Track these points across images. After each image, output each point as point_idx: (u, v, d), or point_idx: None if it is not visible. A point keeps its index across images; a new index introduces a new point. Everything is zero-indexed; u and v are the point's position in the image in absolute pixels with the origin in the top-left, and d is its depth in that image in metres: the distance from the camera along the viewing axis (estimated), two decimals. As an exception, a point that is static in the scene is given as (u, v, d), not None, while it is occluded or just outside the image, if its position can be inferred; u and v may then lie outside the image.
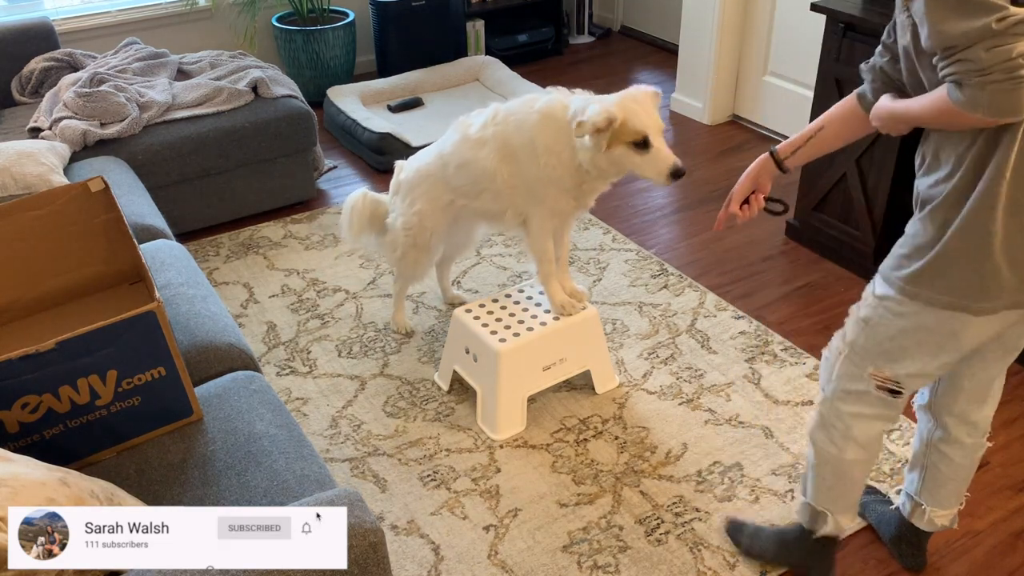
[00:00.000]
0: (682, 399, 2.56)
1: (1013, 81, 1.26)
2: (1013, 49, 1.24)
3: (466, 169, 2.43)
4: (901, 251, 1.60)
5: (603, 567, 2.05)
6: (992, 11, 1.24)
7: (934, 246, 1.50)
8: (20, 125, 3.23)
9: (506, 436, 2.43)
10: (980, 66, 1.27)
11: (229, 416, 1.79)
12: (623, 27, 5.62)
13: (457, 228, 2.68)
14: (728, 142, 4.16)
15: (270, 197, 3.54)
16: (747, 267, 3.22)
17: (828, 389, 1.79)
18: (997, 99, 1.29)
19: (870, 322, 1.67)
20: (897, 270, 1.59)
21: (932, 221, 1.51)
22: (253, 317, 2.97)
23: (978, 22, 1.24)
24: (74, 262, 2.06)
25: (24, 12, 4.03)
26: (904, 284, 1.57)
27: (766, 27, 4.02)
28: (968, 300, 1.50)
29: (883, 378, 1.68)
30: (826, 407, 1.80)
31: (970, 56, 1.27)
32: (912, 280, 1.55)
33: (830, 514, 1.89)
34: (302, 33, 4.37)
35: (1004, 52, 1.25)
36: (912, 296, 1.56)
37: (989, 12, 1.24)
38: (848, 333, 1.73)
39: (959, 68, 1.29)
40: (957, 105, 1.33)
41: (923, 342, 1.60)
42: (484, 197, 2.44)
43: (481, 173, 2.40)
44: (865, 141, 2.94)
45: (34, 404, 1.56)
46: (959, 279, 1.49)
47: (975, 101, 1.30)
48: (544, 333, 2.41)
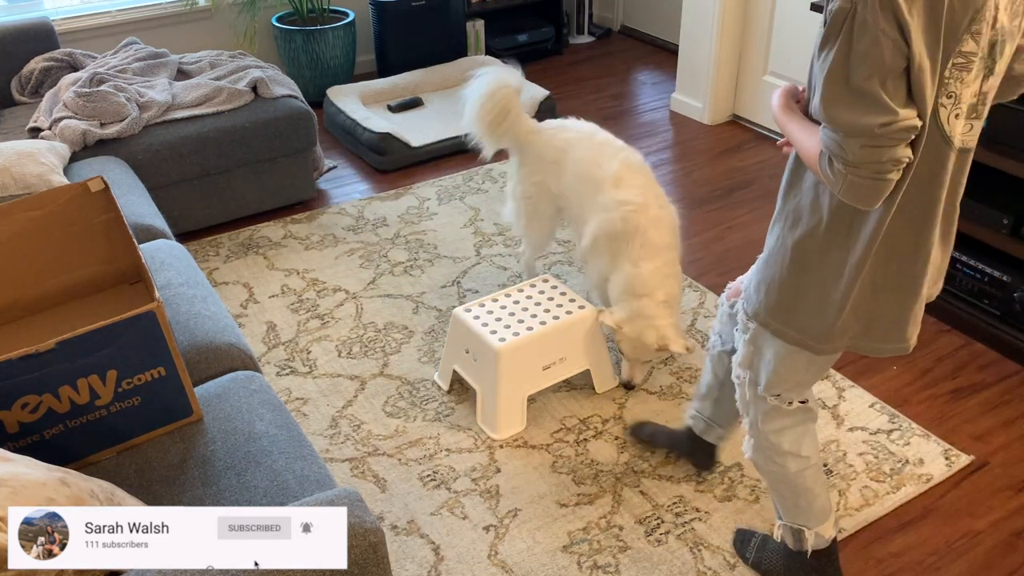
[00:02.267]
0: (682, 399, 2.56)
1: (875, 181, 1.31)
2: (885, 153, 1.29)
3: (576, 196, 2.61)
4: (759, 275, 1.64)
5: (603, 567, 2.05)
6: (881, 113, 1.26)
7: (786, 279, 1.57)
8: (20, 125, 3.23)
9: (506, 436, 2.43)
10: (851, 158, 1.30)
11: (229, 416, 1.79)
12: (623, 27, 5.62)
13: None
14: (728, 142, 4.16)
15: (270, 197, 3.54)
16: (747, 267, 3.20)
17: (749, 415, 1.82)
18: (856, 190, 1.34)
19: (751, 348, 1.72)
20: (756, 295, 1.65)
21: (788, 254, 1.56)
22: (253, 317, 2.97)
23: (865, 119, 1.27)
24: (74, 262, 2.06)
25: (24, 12, 4.03)
26: (761, 314, 1.64)
27: (766, 27, 4.02)
28: (813, 341, 1.58)
29: (778, 399, 1.74)
30: (754, 431, 1.83)
31: (846, 146, 1.30)
32: (766, 311, 1.63)
33: (806, 529, 1.88)
34: (302, 33, 4.37)
35: (877, 154, 1.29)
36: (765, 326, 1.64)
37: (879, 114, 1.26)
38: (740, 358, 1.77)
39: (833, 148, 1.33)
40: (820, 172, 1.38)
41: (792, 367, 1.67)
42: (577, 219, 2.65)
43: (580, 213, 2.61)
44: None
45: (34, 404, 1.56)
46: (806, 321, 1.57)
47: (835, 182, 1.35)
48: (544, 332, 2.41)
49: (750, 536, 2.07)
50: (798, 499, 1.85)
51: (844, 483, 2.26)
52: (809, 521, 1.87)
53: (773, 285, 1.59)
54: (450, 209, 3.60)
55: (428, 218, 3.54)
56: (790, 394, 1.73)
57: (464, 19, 4.85)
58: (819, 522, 1.87)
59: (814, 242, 1.50)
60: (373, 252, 3.31)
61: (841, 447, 2.37)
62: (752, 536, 2.07)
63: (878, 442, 2.39)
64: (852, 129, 1.29)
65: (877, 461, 2.33)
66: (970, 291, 2.77)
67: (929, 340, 2.78)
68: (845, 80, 1.28)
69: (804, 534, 1.88)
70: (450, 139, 4.04)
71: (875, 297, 1.52)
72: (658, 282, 2.39)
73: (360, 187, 3.82)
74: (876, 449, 2.37)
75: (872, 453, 2.35)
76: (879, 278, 1.49)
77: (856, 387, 2.58)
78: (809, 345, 1.58)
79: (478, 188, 3.75)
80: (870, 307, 1.53)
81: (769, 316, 1.62)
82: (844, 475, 2.29)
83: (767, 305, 1.61)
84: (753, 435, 1.83)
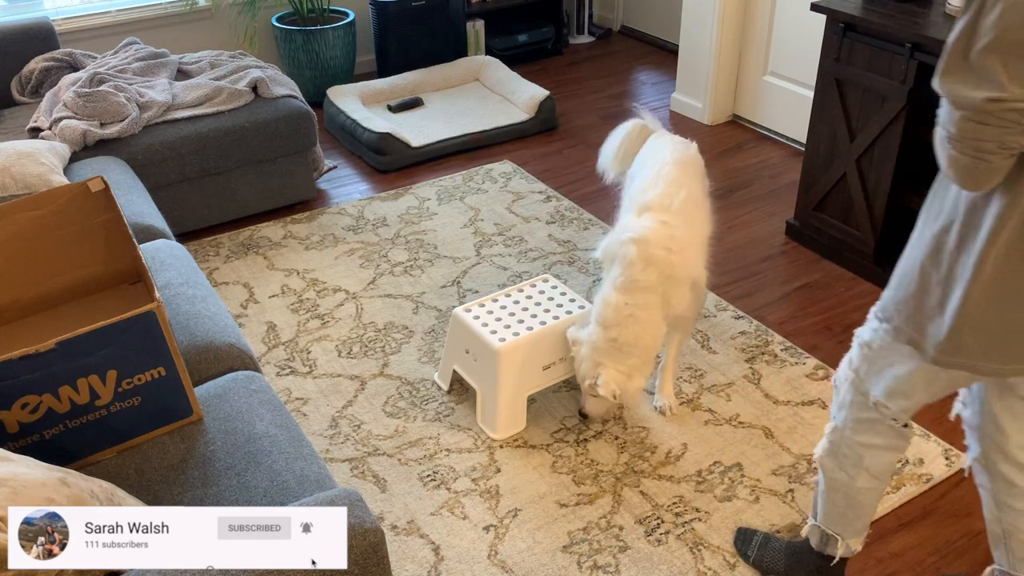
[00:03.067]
0: (682, 399, 2.56)
1: (974, 160, 1.25)
2: (990, 131, 1.22)
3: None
4: (896, 269, 1.54)
5: (603, 567, 2.05)
6: (992, 88, 1.20)
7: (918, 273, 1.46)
8: (20, 125, 3.23)
9: (506, 436, 2.43)
10: (954, 131, 1.26)
11: (229, 416, 1.79)
12: (623, 27, 5.62)
13: None
14: (728, 142, 4.16)
15: (270, 197, 3.54)
16: (747, 267, 3.22)
17: (839, 417, 1.72)
18: (955, 166, 1.29)
19: (871, 347, 1.61)
20: (888, 289, 1.55)
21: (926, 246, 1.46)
22: (253, 317, 2.97)
23: (973, 92, 1.22)
24: (74, 262, 2.06)
25: (24, 12, 4.03)
26: (888, 309, 1.53)
27: (766, 27, 4.02)
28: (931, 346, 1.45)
29: (887, 410, 1.62)
30: (836, 435, 1.74)
31: (953, 117, 1.26)
32: (893, 307, 1.52)
33: (840, 538, 1.84)
34: (302, 33, 4.37)
35: (981, 131, 1.23)
36: (885, 320, 1.54)
37: (989, 88, 1.20)
38: (854, 359, 1.67)
39: (944, 119, 1.29)
40: (936, 144, 1.34)
41: (913, 375, 1.55)
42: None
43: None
44: (865, 141, 2.94)
45: (34, 404, 1.56)
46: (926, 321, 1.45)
47: (941, 156, 1.31)
48: (544, 332, 2.41)
49: (752, 535, 2.07)
50: (848, 511, 1.80)
51: (844, 483, 2.26)
52: (846, 532, 1.83)
53: (905, 278, 1.49)
54: (450, 209, 3.60)
55: (428, 218, 3.54)
56: (902, 412, 1.62)
57: (464, 19, 4.85)
58: (855, 536, 1.84)
59: (948, 237, 1.40)
60: (373, 252, 3.31)
61: (841, 447, 2.37)
62: (754, 535, 2.07)
63: (878, 442, 2.39)
64: (959, 100, 1.24)
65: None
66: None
67: (929, 340, 2.78)
68: (965, 51, 1.22)
69: (837, 542, 1.85)
70: (450, 139, 4.04)
71: (1001, 308, 1.37)
72: (618, 319, 2.25)
73: (360, 187, 3.82)
74: (876, 449, 2.36)
75: (872, 453, 2.35)
76: (1008, 286, 1.35)
77: (856, 387, 2.58)
78: (924, 348, 1.46)
79: (478, 188, 3.75)
80: (996, 319, 1.38)
81: (894, 311, 1.52)
82: (844, 475, 2.29)
83: (895, 298, 1.51)
84: (833, 439, 1.74)
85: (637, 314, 2.25)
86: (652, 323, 2.28)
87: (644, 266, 2.26)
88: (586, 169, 3.92)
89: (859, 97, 2.93)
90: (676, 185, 2.42)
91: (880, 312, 1.57)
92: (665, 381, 2.53)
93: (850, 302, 3.00)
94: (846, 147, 3.02)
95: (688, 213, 2.40)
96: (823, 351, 2.75)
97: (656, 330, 2.30)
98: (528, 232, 3.42)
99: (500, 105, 4.37)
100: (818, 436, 2.40)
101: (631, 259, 2.28)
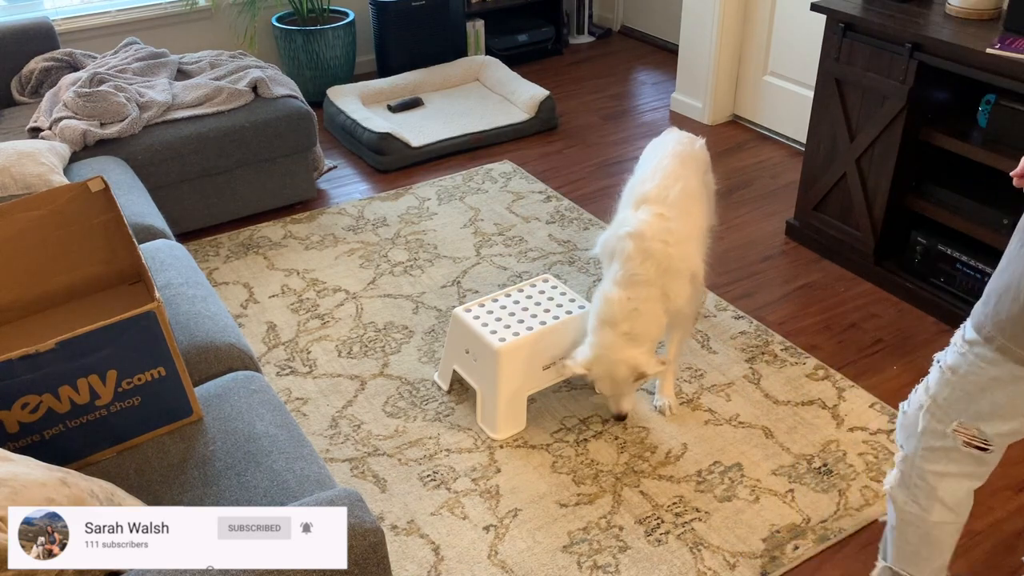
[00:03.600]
0: (682, 399, 2.56)
1: None
2: None
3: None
4: (990, 286, 1.44)
5: (603, 567, 2.05)
6: None
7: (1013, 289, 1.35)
8: (20, 125, 3.23)
9: (506, 436, 2.43)
10: None
11: (229, 416, 1.79)
12: (623, 27, 5.61)
13: None
14: (728, 142, 4.16)
15: (270, 197, 3.54)
16: (747, 267, 3.22)
17: (909, 446, 1.63)
18: None
19: (958, 372, 1.50)
20: (984, 307, 1.43)
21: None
22: (253, 317, 2.97)
23: None
24: (74, 262, 2.06)
25: (24, 12, 4.03)
26: (987, 328, 1.42)
27: (766, 27, 4.02)
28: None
29: (970, 435, 1.52)
30: (907, 465, 1.64)
31: None
32: (994, 325, 1.41)
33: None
34: (302, 33, 4.37)
35: None
36: (989, 341, 1.42)
37: None
38: (931, 385, 1.56)
39: None
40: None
41: (1017, 396, 1.43)
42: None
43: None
44: (865, 141, 2.94)
45: (34, 404, 1.56)
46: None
47: None
48: (544, 332, 2.41)
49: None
50: (922, 548, 1.68)
51: (844, 483, 2.26)
52: (921, 572, 1.71)
53: (1007, 295, 1.38)
54: (450, 209, 3.60)
55: (428, 218, 3.54)
56: (998, 437, 1.50)
57: (464, 19, 4.85)
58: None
59: None
60: (373, 252, 3.31)
61: (841, 447, 2.37)
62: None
63: (878, 442, 2.39)
64: None
65: (877, 461, 2.33)
66: (970, 291, 2.77)
67: (929, 339, 2.78)
68: None
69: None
70: (450, 139, 4.04)
71: None
72: (624, 314, 2.26)
73: (360, 187, 3.82)
74: (876, 449, 2.37)
75: (872, 453, 2.35)
76: None
77: (856, 387, 2.58)
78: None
79: (478, 188, 3.75)
80: None
81: (996, 329, 1.40)
82: (844, 475, 2.29)
83: (995, 317, 1.40)
84: (904, 468, 1.65)
85: (640, 307, 2.27)
86: (655, 315, 2.31)
87: (642, 260, 2.28)
88: (586, 169, 3.92)
89: (859, 97, 2.93)
90: (673, 178, 2.44)
91: (976, 331, 1.45)
92: (665, 381, 2.53)
93: (850, 302, 3.00)
94: (846, 147, 3.02)
95: (685, 206, 2.40)
96: (823, 351, 2.75)
97: (660, 320, 2.34)
98: (528, 232, 3.42)
99: (500, 105, 4.37)
100: (818, 435, 2.41)
101: (629, 253, 2.29)
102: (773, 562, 2.06)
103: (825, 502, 2.21)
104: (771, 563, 2.06)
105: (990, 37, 2.53)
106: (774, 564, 2.05)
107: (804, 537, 2.12)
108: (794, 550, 2.09)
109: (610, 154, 4.05)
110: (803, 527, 2.15)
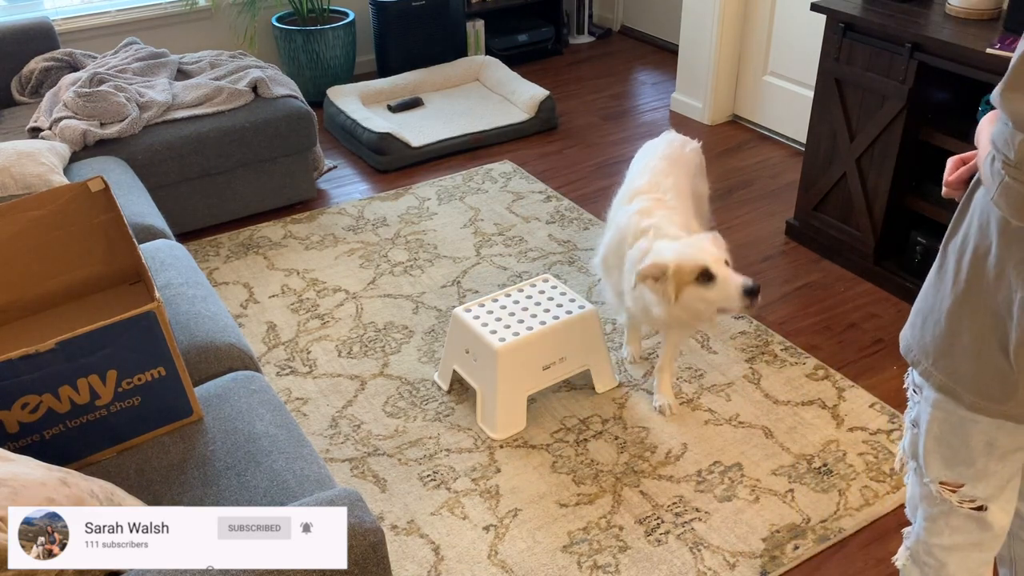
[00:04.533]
0: (682, 399, 2.56)
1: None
2: None
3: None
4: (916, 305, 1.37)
5: (603, 567, 2.05)
6: None
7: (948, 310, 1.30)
8: (20, 125, 3.23)
9: (506, 436, 2.43)
10: (1014, 156, 1.09)
11: (229, 416, 1.79)
12: (623, 27, 5.62)
13: None
14: (728, 142, 4.16)
15: (270, 197, 3.54)
16: (747, 267, 3.22)
17: (916, 523, 1.56)
18: (1009, 195, 1.12)
19: (919, 423, 1.42)
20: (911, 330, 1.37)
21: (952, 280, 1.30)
22: (253, 317, 2.97)
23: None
24: (74, 262, 2.06)
25: (24, 12, 4.03)
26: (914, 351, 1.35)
27: (766, 27, 4.02)
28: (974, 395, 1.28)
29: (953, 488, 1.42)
30: (916, 543, 1.57)
31: (1012, 140, 1.08)
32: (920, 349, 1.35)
33: None
34: (302, 33, 4.37)
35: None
36: (913, 364, 1.36)
37: None
38: (906, 445, 1.50)
39: (999, 141, 1.11)
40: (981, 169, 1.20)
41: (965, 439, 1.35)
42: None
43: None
44: (865, 141, 2.94)
45: (34, 404, 1.56)
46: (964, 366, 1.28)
47: (991, 182, 1.15)
48: (543, 332, 2.41)
49: None
50: None
51: (844, 483, 2.26)
52: None
53: (931, 317, 1.33)
54: (450, 209, 3.60)
55: (428, 218, 3.54)
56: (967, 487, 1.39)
57: (464, 19, 4.85)
58: None
59: (981, 269, 1.25)
60: (373, 252, 3.31)
61: (841, 447, 2.37)
62: None
63: (878, 442, 2.39)
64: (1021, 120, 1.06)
65: (877, 461, 2.33)
66: (970, 291, 2.76)
67: (929, 340, 2.78)
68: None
69: None
70: (450, 139, 4.04)
71: None
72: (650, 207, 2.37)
73: (360, 187, 3.83)
74: (876, 449, 2.37)
75: (872, 453, 2.35)
76: None
77: (856, 387, 2.58)
78: (959, 396, 1.29)
79: (478, 188, 3.75)
80: None
81: (921, 354, 1.35)
82: (844, 475, 2.29)
83: (921, 341, 1.35)
84: (912, 545, 1.58)
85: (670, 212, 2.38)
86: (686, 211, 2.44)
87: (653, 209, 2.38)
88: (586, 169, 3.92)
89: (859, 97, 2.93)
90: (663, 175, 2.52)
91: (904, 351, 1.39)
92: (664, 381, 2.53)
93: (850, 302, 3.00)
94: (846, 147, 3.02)
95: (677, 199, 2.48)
96: (823, 351, 2.75)
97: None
98: (528, 232, 3.42)
99: (500, 105, 4.37)
100: (818, 435, 2.41)
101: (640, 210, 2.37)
102: (773, 562, 2.06)
103: (825, 502, 2.21)
104: (771, 563, 2.06)
105: (990, 37, 2.53)
106: (774, 564, 2.06)
107: (804, 537, 2.12)
108: (794, 550, 2.09)
109: (610, 154, 4.05)
110: (803, 527, 2.15)
